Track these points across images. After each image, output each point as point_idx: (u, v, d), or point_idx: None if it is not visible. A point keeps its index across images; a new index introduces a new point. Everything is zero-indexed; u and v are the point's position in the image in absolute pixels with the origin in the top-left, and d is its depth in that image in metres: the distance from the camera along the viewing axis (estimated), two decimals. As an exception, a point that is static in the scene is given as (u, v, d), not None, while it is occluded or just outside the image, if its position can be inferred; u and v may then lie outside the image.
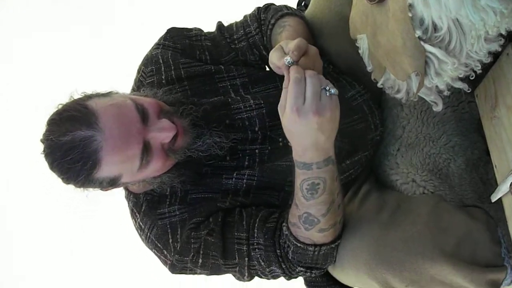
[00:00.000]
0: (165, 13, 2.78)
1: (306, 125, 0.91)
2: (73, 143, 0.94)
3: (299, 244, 1.05)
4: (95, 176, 0.98)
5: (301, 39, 0.96)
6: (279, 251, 1.08)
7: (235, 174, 1.15)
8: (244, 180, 1.15)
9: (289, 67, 0.93)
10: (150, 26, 2.46)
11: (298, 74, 0.90)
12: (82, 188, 1.03)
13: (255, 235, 1.08)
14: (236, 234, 1.09)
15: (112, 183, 1.02)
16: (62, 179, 1.00)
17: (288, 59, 0.93)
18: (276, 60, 0.98)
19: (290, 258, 1.08)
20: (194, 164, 1.12)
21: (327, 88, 0.91)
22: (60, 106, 1.01)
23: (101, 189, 1.06)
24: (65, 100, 1.04)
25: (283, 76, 0.96)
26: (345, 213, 1.11)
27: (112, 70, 2.57)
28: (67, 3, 3.11)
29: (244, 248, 1.09)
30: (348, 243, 1.07)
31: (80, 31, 3.00)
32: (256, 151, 1.18)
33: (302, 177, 0.99)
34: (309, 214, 1.01)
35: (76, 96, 1.04)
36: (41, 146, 0.99)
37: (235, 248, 1.09)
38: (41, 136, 1.00)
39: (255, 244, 1.09)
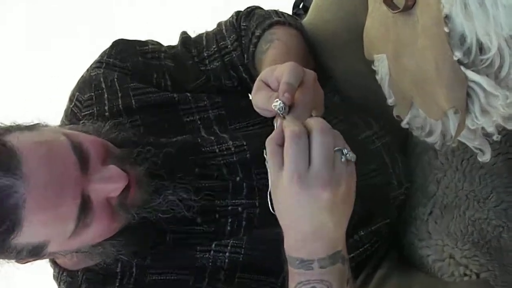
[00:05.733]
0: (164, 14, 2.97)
1: (310, 203, 0.84)
2: None
3: None
4: (12, 242, 0.93)
5: (292, 67, 0.91)
6: None
7: (214, 246, 1.12)
8: (227, 254, 1.12)
9: (283, 116, 0.89)
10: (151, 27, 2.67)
11: (296, 127, 0.84)
12: None
13: None
14: None
15: (34, 252, 0.97)
16: None
17: (278, 104, 0.88)
18: (262, 103, 0.94)
19: None
20: (151, 229, 1.09)
21: (345, 151, 0.85)
22: None
23: (16, 261, 1.01)
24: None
25: None
26: None
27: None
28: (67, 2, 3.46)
29: None
30: None
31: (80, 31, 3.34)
32: (239, 208, 1.15)
33: (298, 279, 0.93)
34: None
35: None
36: None
37: None
38: None
39: None
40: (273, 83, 0.94)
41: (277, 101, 0.89)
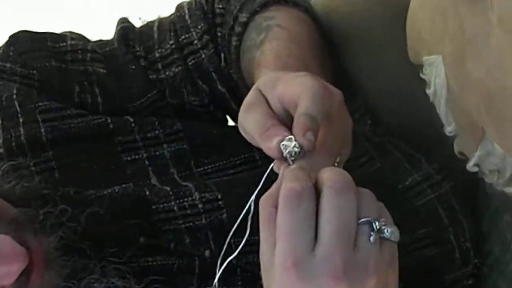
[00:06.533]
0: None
1: None
2: None
3: None
4: None
5: (316, 88, 0.74)
6: None
7: None
8: None
9: (292, 160, 0.74)
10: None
11: (296, 182, 0.69)
12: None
13: None
14: None
15: None
16: None
17: (292, 146, 0.72)
18: (255, 131, 0.78)
19: None
20: None
21: (377, 224, 0.69)
22: None
23: None
24: None
25: None
26: None
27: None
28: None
29: None
30: None
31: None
32: None
33: None
34: None
35: None
36: None
37: None
38: None
39: None
40: (273, 99, 0.78)
41: (290, 140, 0.72)
